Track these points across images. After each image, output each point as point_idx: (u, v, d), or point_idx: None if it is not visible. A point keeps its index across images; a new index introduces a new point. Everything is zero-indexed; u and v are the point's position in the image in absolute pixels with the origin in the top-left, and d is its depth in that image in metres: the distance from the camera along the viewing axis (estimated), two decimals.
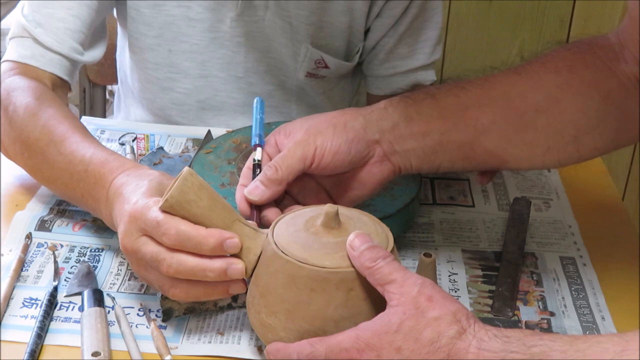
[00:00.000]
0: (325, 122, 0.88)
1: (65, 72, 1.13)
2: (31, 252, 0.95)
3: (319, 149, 0.86)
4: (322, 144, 0.86)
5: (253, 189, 0.85)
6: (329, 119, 0.88)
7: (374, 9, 1.26)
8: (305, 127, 0.88)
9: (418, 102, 0.89)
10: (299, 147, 0.86)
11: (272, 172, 0.85)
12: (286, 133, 0.89)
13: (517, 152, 0.91)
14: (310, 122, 0.89)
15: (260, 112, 0.97)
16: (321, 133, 0.87)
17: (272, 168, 0.85)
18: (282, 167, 0.85)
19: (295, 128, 0.89)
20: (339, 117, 0.89)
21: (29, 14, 1.12)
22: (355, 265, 0.74)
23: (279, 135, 0.90)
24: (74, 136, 0.97)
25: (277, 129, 0.91)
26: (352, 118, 0.88)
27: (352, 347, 0.70)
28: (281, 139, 0.89)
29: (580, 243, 1.02)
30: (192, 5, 1.22)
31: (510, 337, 0.68)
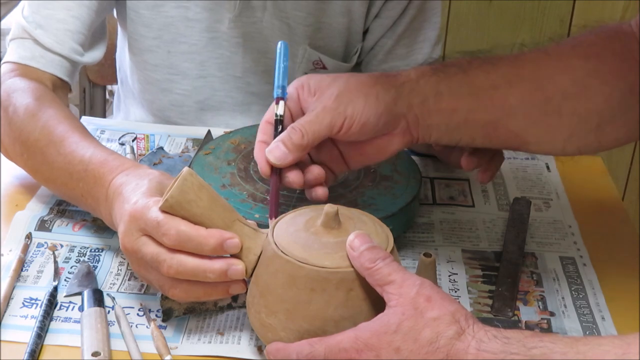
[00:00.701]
0: (356, 89, 0.85)
1: (65, 73, 1.13)
2: (31, 252, 0.95)
3: (348, 119, 0.85)
4: (352, 115, 0.84)
5: (275, 149, 0.84)
6: (361, 86, 0.86)
7: (373, 10, 1.26)
8: (336, 91, 0.85)
9: (449, 77, 0.88)
10: (328, 114, 0.84)
11: (298, 137, 0.84)
12: (310, 90, 0.86)
13: (540, 136, 0.90)
14: (340, 85, 0.86)
15: (284, 60, 0.92)
16: (352, 102, 0.85)
17: (298, 132, 0.84)
18: (308, 133, 0.84)
19: (323, 87, 0.86)
20: (372, 86, 0.86)
21: (29, 15, 1.12)
22: (354, 265, 0.74)
23: (302, 90, 0.87)
24: (73, 136, 0.97)
25: (300, 81, 0.88)
26: (384, 89, 0.86)
27: (351, 348, 0.70)
28: (305, 95, 0.87)
29: (580, 243, 1.02)
30: (190, 6, 1.22)
31: (510, 339, 0.68)
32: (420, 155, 1.19)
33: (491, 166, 1.03)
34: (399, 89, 0.87)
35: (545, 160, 1.20)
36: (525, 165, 1.19)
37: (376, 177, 1.02)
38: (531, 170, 1.18)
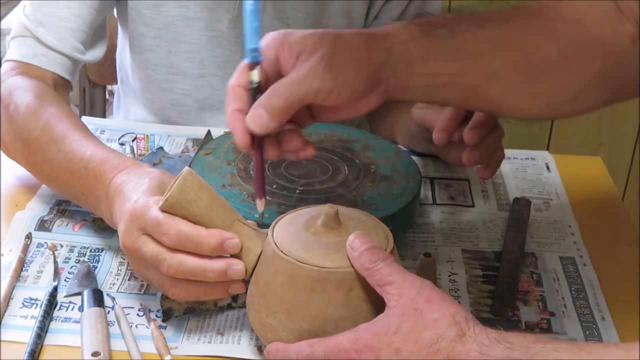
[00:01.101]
0: (347, 53, 0.78)
1: (66, 71, 1.13)
2: (31, 252, 0.95)
3: (337, 88, 0.77)
4: (343, 82, 0.77)
5: (256, 116, 0.76)
6: (353, 50, 0.78)
7: (372, 11, 1.26)
8: (326, 53, 0.77)
9: (438, 41, 0.83)
10: (318, 78, 0.76)
11: (281, 100, 0.76)
12: (292, 50, 0.78)
13: (517, 103, 0.88)
14: (329, 47, 0.77)
15: (254, 19, 0.78)
16: (344, 68, 0.77)
17: (281, 96, 0.76)
18: (293, 95, 0.76)
19: (308, 47, 0.78)
20: (362, 49, 0.78)
21: (31, 13, 1.12)
22: (354, 266, 0.74)
23: (282, 50, 0.78)
24: (74, 134, 0.97)
25: (277, 39, 0.78)
26: (376, 53, 0.80)
27: (351, 348, 0.70)
28: (286, 56, 0.78)
29: (580, 243, 1.02)
30: (190, 5, 1.22)
31: (513, 344, 0.67)
32: (420, 155, 1.19)
33: (492, 162, 1.03)
34: (388, 52, 0.81)
35: (545, 160, 1.21)
36: (525, 165, 1.19)
37: (376, 177, 1.02)
38: (531, 170, 1.18)
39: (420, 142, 1.17)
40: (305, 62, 0.77)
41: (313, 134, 1.11)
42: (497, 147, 1.04)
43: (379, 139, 1.12)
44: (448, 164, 1.16)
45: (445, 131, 1.04)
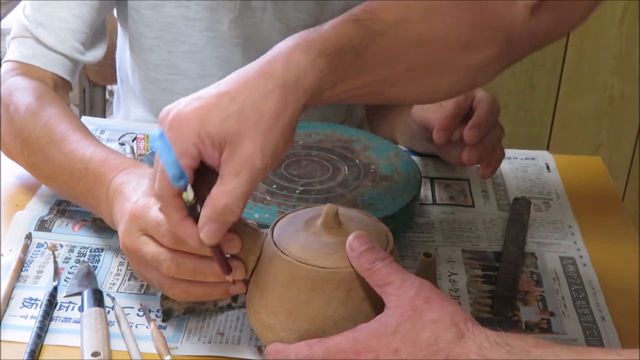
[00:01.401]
0: (275, 129, 0.73)
1: (66, 71, 1.13)
2: (31, 252, 0.95)
3: (270, 168, 0.74)
4: (274, 162, 0.74)
5: (211, 232, 0.72)
6: (276, 120, 0.73)
7: None
8: (258, 144, 0.72)
9: (345, 66, 0.79)
10: (260, 175, 0.73)
11: (236, 216, 0.73)
12: (214, 142, 0.72)
13: (420, 96, 0.88)
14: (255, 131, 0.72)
15: (169, 153, 0.71)
16: (279, 148, 0.73)
17: (237, 212, 0.72)
18: (241, 204, 0.72)
19: (231, 137, 0.71)
20: (284, 112, 0.73)
21: (30, 14, 1.12)
22: (354, 266, 0.74)
23: (203, 145, 0.72)
24: (74, 135, 0.97)
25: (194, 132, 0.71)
26: (295, 108, 0.74)
27: (349, 349, 0.70)
28: (209, 150, 0.72)
29: (580, 243, 1.02)
30: (191, 5, 1.22)
31: (513, 347, 0.67)
32: (420, 155, 1.19)
33: (492, 161, 1.03)
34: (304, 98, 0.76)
35: (545, 160, 1.21)
36: (525, 165, 1.19)
37: (376, 177, 1.02)
38: (531, 170, 1.18)
39: (420, 141, 1.17)
40: (235, 158, 0.72)
41: (313, 134, 1.11)
42: (497, 146, 1.04)
43: (379, 139, 1.12)
44: (448, 164, 1.16)
45: (445, 130, 1.04)
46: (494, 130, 1.03)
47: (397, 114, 1.25)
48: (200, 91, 0.74)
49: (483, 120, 1.02)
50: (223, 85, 0.74)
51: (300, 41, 0.76)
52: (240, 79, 0.74)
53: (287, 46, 0.76)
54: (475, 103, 1.06)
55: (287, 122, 0.74)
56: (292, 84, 0.74)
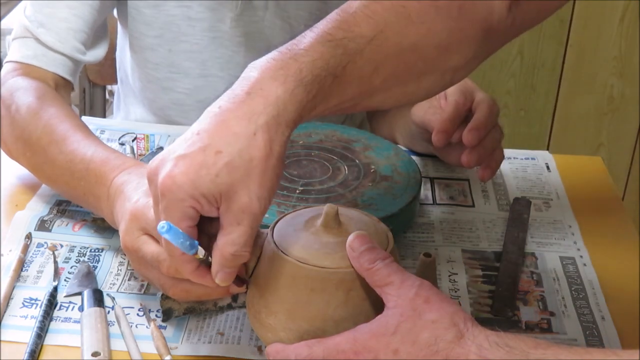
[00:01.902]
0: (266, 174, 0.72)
1: (67, 72, 1.13)
2: (31, 252, 0.95)
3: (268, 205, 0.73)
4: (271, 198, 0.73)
5: (225, 276, 0.74)
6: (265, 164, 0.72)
7: None
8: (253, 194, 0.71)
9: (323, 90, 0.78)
10: (259, 217, 0.73)
11: (245, 258, 0.74)
12: (209, 200, 0.71)
13: (396, 102, 0.87)
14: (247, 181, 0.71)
15: (178, 237, 0.72)
16: (272, 190, 0.73)
17: (245, 256, 0.73)
18: (248, 248, 0.73)
19: (225, 191, 0.71)
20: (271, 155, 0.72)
21: (31, 14, 1.12)
22: (354, 266, 0.74)
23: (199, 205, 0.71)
24: (75, 135, 0.97)
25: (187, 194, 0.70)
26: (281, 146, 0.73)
27: (349, 349, 0.70)
28: (207, 208, 0.72)
29: (580, 243, 1.02)
30: (192, 5, 1.22)
31: (513, 348, 0.67)
32: (420, 155, 1.19)
33: (492, 163, 1.03)
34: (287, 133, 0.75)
35: (545, 160, 1.21)
36: (525, 165, 1.19)
37: (376, 177, 1.02)
38: (531, 170, 1.18)
39: (420, 142, 1.17)
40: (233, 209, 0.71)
41: (313, 134, 1.11)
42: (496, 148, 1.04)
43: (379, 139, 1.12)
44: (448, 164, 1.16)
45: (444, 132, 1.04)
46: (493, 132, 1.03)
47: (397, 114, 1.25)
48: (181, 143, 0.72)
49: (482, 123, 1.02)
50: (204, 136, 0.71)
51: (275, 70, 0.74)
52: (220, 125, 0.72)
53: (262, 76, 0.74)
54: (475, 105, 1.05)
55: (275, 161, 0.73)
56: (274, 120, 0.73)
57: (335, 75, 0.77)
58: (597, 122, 2.34)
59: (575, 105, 2.32)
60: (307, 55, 0.75)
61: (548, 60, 2.27)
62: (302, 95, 0.74)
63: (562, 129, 2.36)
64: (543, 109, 2.34)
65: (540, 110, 2.34)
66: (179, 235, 0.71)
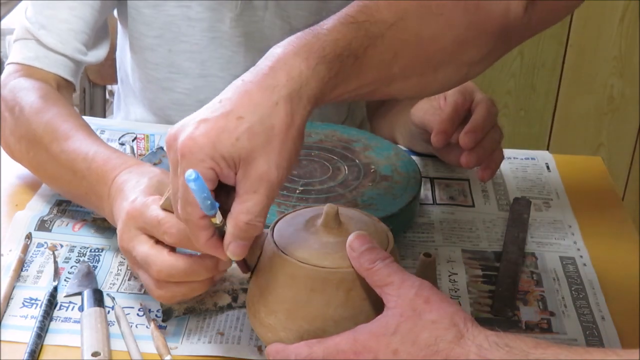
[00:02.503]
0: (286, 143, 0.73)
1: (69, 72, 1.13)
2: (31, 252, 0.95)
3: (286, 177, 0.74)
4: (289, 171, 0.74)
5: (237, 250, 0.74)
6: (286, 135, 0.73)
7: None
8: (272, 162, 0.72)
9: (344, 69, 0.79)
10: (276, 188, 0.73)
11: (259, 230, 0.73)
12: (228, 162, 0.72)
13: (414, 92, 0.89)
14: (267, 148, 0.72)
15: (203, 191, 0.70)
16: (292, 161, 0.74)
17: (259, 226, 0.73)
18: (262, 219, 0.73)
19: (244, 156, 0.71)
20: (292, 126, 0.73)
21: (32, 16, 1.12)
22: (354, 266, 0.74)
23: (218, 167, 0.72)
24: (77, 134, 0.97)
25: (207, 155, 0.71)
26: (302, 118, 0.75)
27: (349, 349, 0.70)
28: (225, 171, 0.72)
29: (580, 243, 1.02)
30: (192, 5, 1.22)
31: (512, 348, 0.67)
32: (420, 155, 1.19)
33: (491, 164, 1.03)
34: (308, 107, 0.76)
35: (545, 160, 1.21)
36: (525, 165, 1.19)
37: (376, 177, 1.02)
38: (531, 170, 1.18)
39: (419, 142, 1.17)
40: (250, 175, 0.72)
41: (313, 134, 1.11)
42: (496, 149, 1.04)
43: (379, 139, 1.12)
44: (448, 164, 1.16)
45: (443, 133, 1.04)
46: (492, 133, 1.03)
47: (397, 114, 1.25)
48: (203, 111, 0.74)
49: (479, 125, 1.01)
50: (227, 103, 0.73)
51: (298, 47, 0.76)
52: (243, 95, 0.73)
53: (285, 52, 0.75)
54: (473, 106, 1.06)
55: (296, 132, 0.74)
56: (296, 93, 0.74)
57: (356, 56, 0.78)
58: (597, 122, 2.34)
59: (575, 105, 2.32)
60: (330, 35, 0.77)
61: (548, 60, 2.27)
62: (324, 72, 0.75)
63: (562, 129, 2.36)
64: (543, 109, 2.34)
65: (540, 110, 2.34)
66: (204, 188, 0.70)
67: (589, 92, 2.30)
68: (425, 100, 1.12)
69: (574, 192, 1.13)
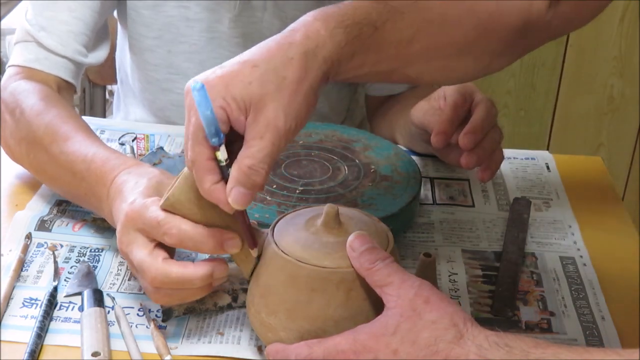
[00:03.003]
0: (297, 94, 0.75)
1: (69, 74, 1.13)
2: (31, 252, 0.95)
3: (294, 132, 0.76)
4: (302, 122, 0.76)
5: (239, 197, 0.74)
6: (298, 86, 0.75)
7: None
8: (280, 108, 0.74)
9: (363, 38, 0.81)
10: (283, 138, 0.74)
11: (262, 177, 0.74)
12: (240, 107, 0.74)
13: (434, 77, 0.91)
14: (277, 95, 0.74)
15: (206, 107, 0.73)
16: (301, 112, 0.75)
17: (261, 172, 0.74)
18: (270, 166, 0.74)
19: (255, 101, 0.74)
20: (305, 79, 0.76)
21: (32, 18, 1.12)
22: (354, 266, 0.74)
23: (230, 108, 0.74)
24: (77, 135, 0.97)
25: (219, 95, 0.74)
26: (316, 76, 0.77)
27: (349, 349, 0.70)
28: (236, 114, 0.74)
29: (580, 243, 1.02)
30: (191, 6, 1.22)
31: (512, 347, 0.67)
32: (420, 155, 1.19)
33: (491, 164, 1.03)
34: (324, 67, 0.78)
35: (545, 160, 1.21)
36: (525, 165, 1.19)
37: (376, 177, 1.02)
38: (531, 170, 1.18)
39: (419, 142, 1.17)
40: (259, 121, 0.74)
41: (313, 134, 1.11)
42: (495, 149, 1.04)
43: (379, 139, 1.12)
44: (448, 164, 1.16)
45: (443, 134, 1.04)
46: (492, 133, 1.03)
47: (397, 114, 1.25)
48: (224, 63, 0.77)
49: (478, 126, 1.01)
50: (245, 55, 0.76)
51: (318, 14, 0.79)
52: (262, 49, 0.77)
53: (306, 17, 0.79)
54: (473, 106, 1.06)
55: (308, 88, 0.76)
56: (311, 52, 0.77)
57: (375, 27, 0.81)
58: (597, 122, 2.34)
59: (575, 105, 2.32)
60: (350, 4, 0.81)
61: (548, 60, 2.27)
62: (341, 36, 0.78)
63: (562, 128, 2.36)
64: (543, 108, 2.34)
65: (540, 110, 2.34)
66: (209, 107, 0.72)
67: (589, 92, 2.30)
68: (424, 100, 1.12)
69: (574, 192, 1.13)
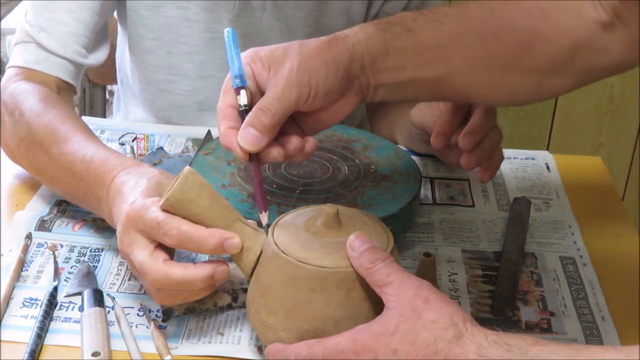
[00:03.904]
0: (316, 58, 0.83)
1: (69, 75, 1.13)
2: (31, 252, 0.95)
3: (313, 89, 0.82)
4: (317, 84, 0.82)
5: (247, 135, 0.80)
6: (318, 54, 0.83)
7: (372, 10, 1.26)
8: (295, 63, 0.82)
9: (395, 37, 0.86)
10: (295, 88, 0.81)
11: (269, 117, 0.80)
12: (264, 64, 0.85)
13: (483, 92, 0.91)
14: (296, 56, 0.83)
15: (235, 47, 0.86)
16: (315, 72, 0.82)
17: (268, 113, 0.80)
18: (278, 111, 0.81)
19: (278, 60, 0.84)
20: (328, 51, 0.84)
21: (32, 19, 1.12)
22: (354, 266, 0.74)
23: (255, 65, 0.85)
24: (76, 136, 0.97)
25: (249, 55, 0.86)
26: (340, 53, 0.84)
27: (348, 349, 0.70)
28: (259, 70, 0.85)
29: (580, 243, 1.02)
30: (190, 6, 1.22)
31: (511, 346, 0.67)
32: (420, 155, 1.19)
33: (491, 165, 1.03)
34: (351, 50, 0.85)
35: (545, 160, 1.21)
36: (525, 165, 1.19)
37: (376, 177, 1.02)
38: (531, 170, 1.18)
39: (419, 143, 1.17)
40: (277, 75, 0.83)
41: None
42: (495, 150, 1.04)
43: (379, 139, 1.12)
44: (448, 164, 1.16)
45: (443, 135, 1.04)
46: (492, 134, 1.03)
47: (397, 114, 1.25)
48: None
49: (477, 126, 1.01)
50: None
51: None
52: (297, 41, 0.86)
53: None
54: (473, 107, 1.05)
55: (330, 59, 0.83)
56: (340, 39, 0.85)
57: (409, 29, 0.86)
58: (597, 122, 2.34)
59: (575, 105, 2.32)
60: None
61: None
62: (371, 29, 0.86)
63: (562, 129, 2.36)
64: (543, 109, 2.34)
65: (540, 110, 2.34)
66: (237, 49, 0.85)
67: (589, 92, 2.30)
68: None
69: (574, 192, 1.13)
